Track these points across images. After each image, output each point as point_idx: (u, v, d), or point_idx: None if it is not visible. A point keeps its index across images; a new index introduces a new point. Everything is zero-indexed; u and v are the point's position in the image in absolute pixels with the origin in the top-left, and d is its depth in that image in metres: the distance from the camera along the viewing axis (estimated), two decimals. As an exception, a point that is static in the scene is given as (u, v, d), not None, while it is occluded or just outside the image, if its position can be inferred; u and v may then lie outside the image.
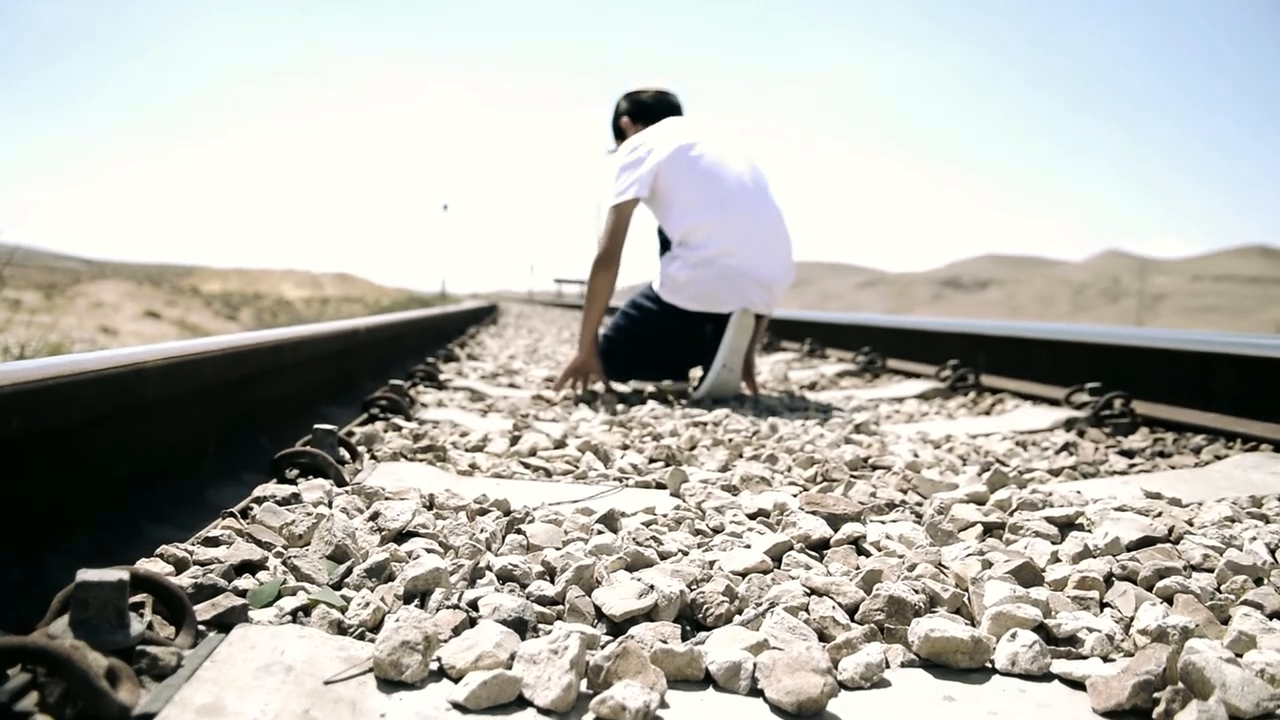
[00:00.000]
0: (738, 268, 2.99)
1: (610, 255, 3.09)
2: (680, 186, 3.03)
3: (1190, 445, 2.19)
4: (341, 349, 2.40)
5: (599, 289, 3.11)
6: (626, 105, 3.43)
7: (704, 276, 2.99)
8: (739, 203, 3.03)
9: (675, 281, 3.05)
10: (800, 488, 1.63)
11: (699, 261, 2.99)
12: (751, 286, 3.01)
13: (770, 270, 3.06)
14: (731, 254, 2.98)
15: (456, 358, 4.43)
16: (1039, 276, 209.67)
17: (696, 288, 3.01)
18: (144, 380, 1.15)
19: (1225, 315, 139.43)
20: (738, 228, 3.01)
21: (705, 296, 3.01)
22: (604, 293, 3.11)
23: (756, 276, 3.02)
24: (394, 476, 1.55)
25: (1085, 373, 2.83)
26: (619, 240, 3.09)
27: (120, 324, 25.37)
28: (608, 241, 3.09)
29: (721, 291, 2.99)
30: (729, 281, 2.99)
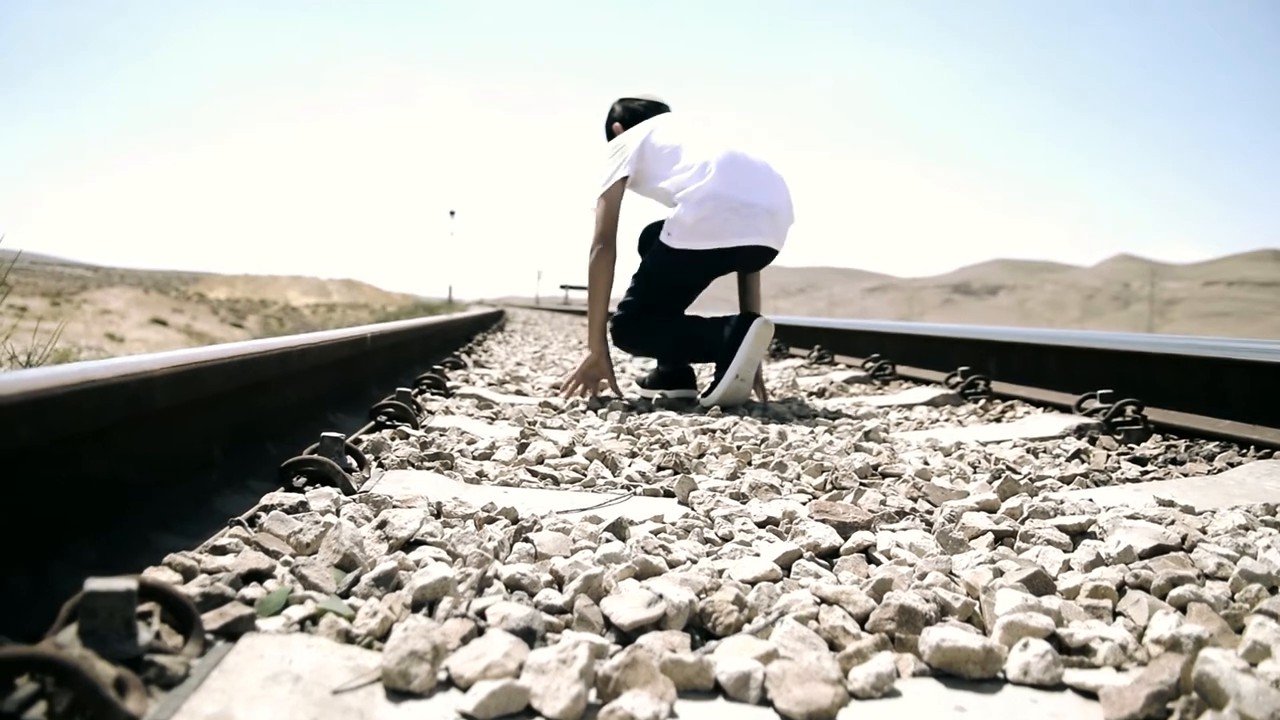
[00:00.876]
0: (742, 199, 2.97)
1: (606, 240, 3.11)
2: (666, 152, 3.08)
3: (1203, 452, 2.17)
4: (349, 356, 2.40)
5: (600, 277, 3.11)
6: (620, 111, 3.46)
7: (711, 212, 2.96)
8: (729, 146, 3.06)
9: (683, 225, 3.01)
10: (810, 495, 1.62)
11: (702, 198, 2.96)
12: (760, 216, 3.00)
13: (773, 200, 3.05)
14: (733, 186, 2.97)
15: (463, 365, 4.44)
16: (1050, 282, 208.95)
17: (706, 225, 2.98)
18: (152, 389, 1.15)
19: (1238, 320, 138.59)
20: (733, 165, 3.01)
21: (716, 232, 2.98)
22: (605, 280, 3.12)
23: (762, 205, 3.01)
24: (401, 484, 1.55)
25: (1096, 379, 2.82)
26: (612, 224, 3.11)
27: (126, 331, 25.51)
28: (600, 227, 3.11)
29: (732, 224, 2.97)
30: (736, 213, 2.97)
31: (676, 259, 3.05)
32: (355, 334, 2.50)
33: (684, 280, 3.13)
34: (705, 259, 3.03)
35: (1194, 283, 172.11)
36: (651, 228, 3.28)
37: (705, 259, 3.03)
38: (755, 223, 2.98)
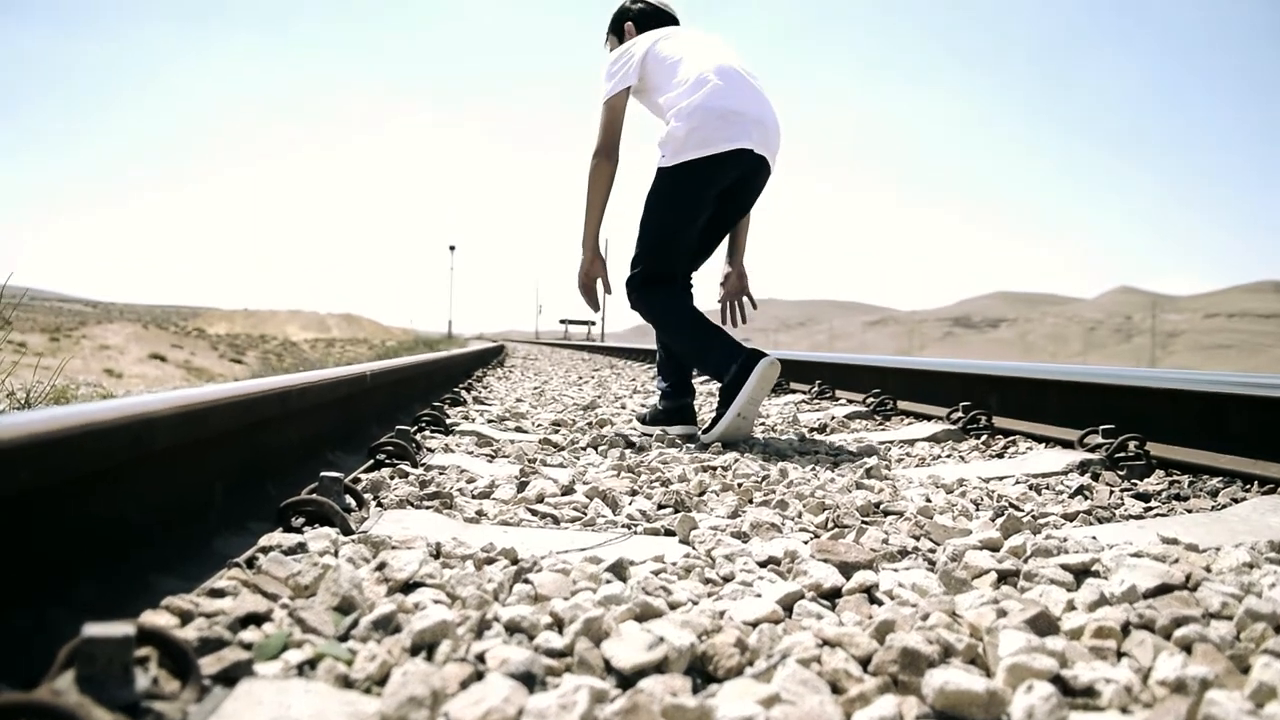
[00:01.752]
0: (731, 107, 3.03)
1: (608, 146, 3.14)
2: (668, 64, 3.13)
3: (1206, 488, 2.16)
4: (348, 394, 2.40)
5: (598, 181, 3.13)
6: (634, 11, 3.48)
7: (700, 122, 3.01)
8: (720, 60, 3.12)
9: (677, 139, 3.06)
10: (811, 534, 1.61)
11: (693, 110, 3.02)
12: (749, 124, 3.05)
13: (761, 112, 3.10)
14: (723, 97, 3.03)
15: (463, 401, 4.44)
16: (1050, 314, 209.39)
17: (697, 135, 3.02)
18: (153, 430, 1.15)
19: (1240, 352, 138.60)
20: (724, 78, 3.07)
21: (707, 140, 3.02)
22: (604, 185, 3.15)
23: (750, 114, 3.06)
24: (400, 524, 1.54)
25: (1098, 414, 2.81)
26: (614, 134, 3.14)
27: (125, 367, 25.53)
28: (603, 135, 3.14)
29: (721, 130, 3.02)
30: (725, 120, 3.02)
31: (674, 178, 3.09)
32: (355, 372, 2.50)
33: (685, 204, 3.12)
34: (700, 170, 3.05)
35: (1195, 315, 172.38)
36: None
37: (700, 170, 3.05)
38: (745, 129, 3.05)
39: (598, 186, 3.13)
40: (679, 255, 3.22)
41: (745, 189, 3.22)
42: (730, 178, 3.11)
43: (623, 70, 3.13)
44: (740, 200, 3.26)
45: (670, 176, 3.09)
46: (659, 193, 3.14)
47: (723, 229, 3.36)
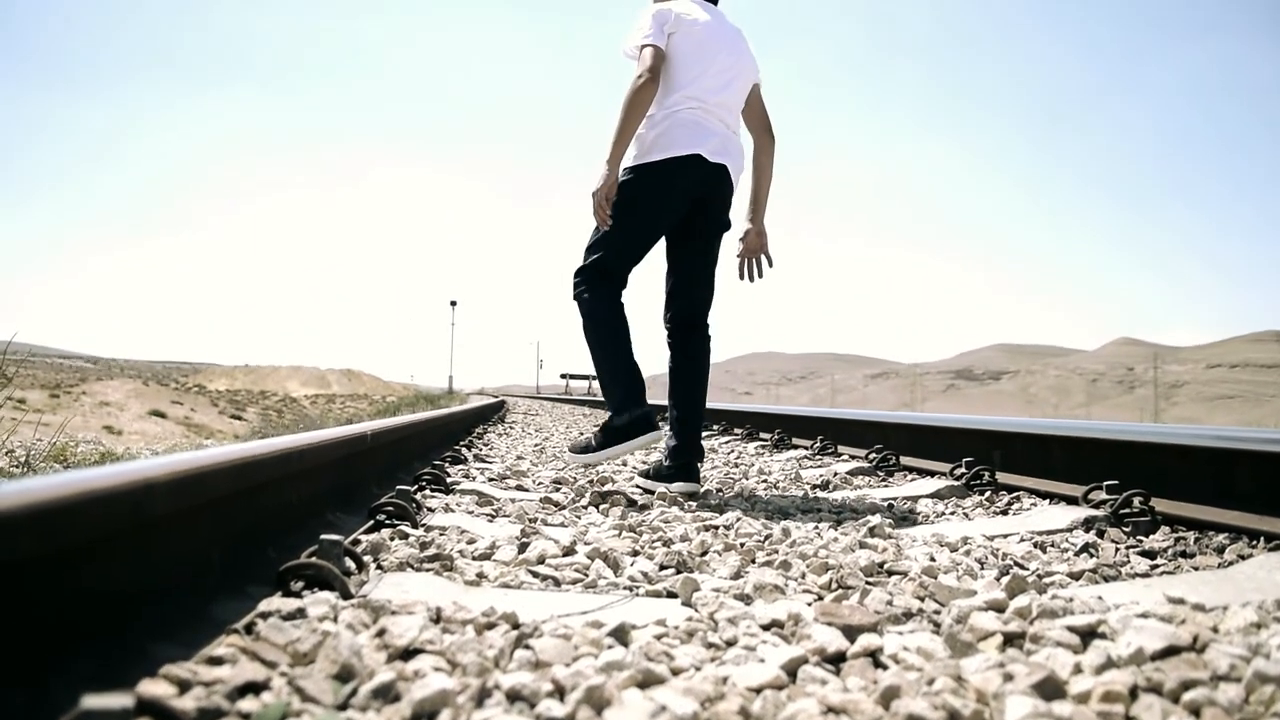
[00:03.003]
0: (697, 120, 3.15)
1: (655, 72, 3.15)
2: (674, 59, 3.20)
3: (1213, 544, 2.14)
4: (349, 454, 2.40)
5: (639, 101, 3.12)
6: None
7: (667, 129, 3.14)
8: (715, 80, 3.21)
9: (644, 143, 3.18)
10: (815, 595, 1.60)
11: (662, 118, 3.16)
12: (709, 135, 3.16)
13: (728, 133, 3.23)
14: (693, 109, 3.15)
15: (464, 459, 4.42)
16: (1052, 366, 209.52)
17: (662, 140, 3.15)
18: (153, 495, 1.15)
19: (1244, 403, 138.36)
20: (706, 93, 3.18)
21: (670, 143, 3.13)
22: (642, 107, 3.15)
23: (717, 131, 3.18)
24: (400, 588, 1.53)
25: (1102, 469, 2.80)
26: (659, 67, 3.17)
27: (125, 423, 25.48)
28: (652, 63, 3.15)
29: (683, 138, 3.13)
30: (687, 129, 3.14)
31: (638, 176, 3.17)
32: (356, 432, 2.50)
33: (644, 205, 3.18)
34: (658, 171, 3.15)
35: (1197, 366, 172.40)
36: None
37: (658, 171, 3.15)
38: (704, 138, 3.15)
39: (636, 106, 3.14)
40: (633, 255, 3.25)
41: (711, 196, 3.25)
42: (691, 181, 3.17)
43: (660, 31, 3.19)
44: (711, 211, 3.29)
45: (634, 176, 3.19)
46: (621, 195, 3.20)
47: (690, 240, 3.34)
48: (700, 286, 3.37)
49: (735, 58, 3.29)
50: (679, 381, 3.33)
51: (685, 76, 3.20)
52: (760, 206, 3.48)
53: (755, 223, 3.46)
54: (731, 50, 3.29)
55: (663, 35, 3.19)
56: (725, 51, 3.27)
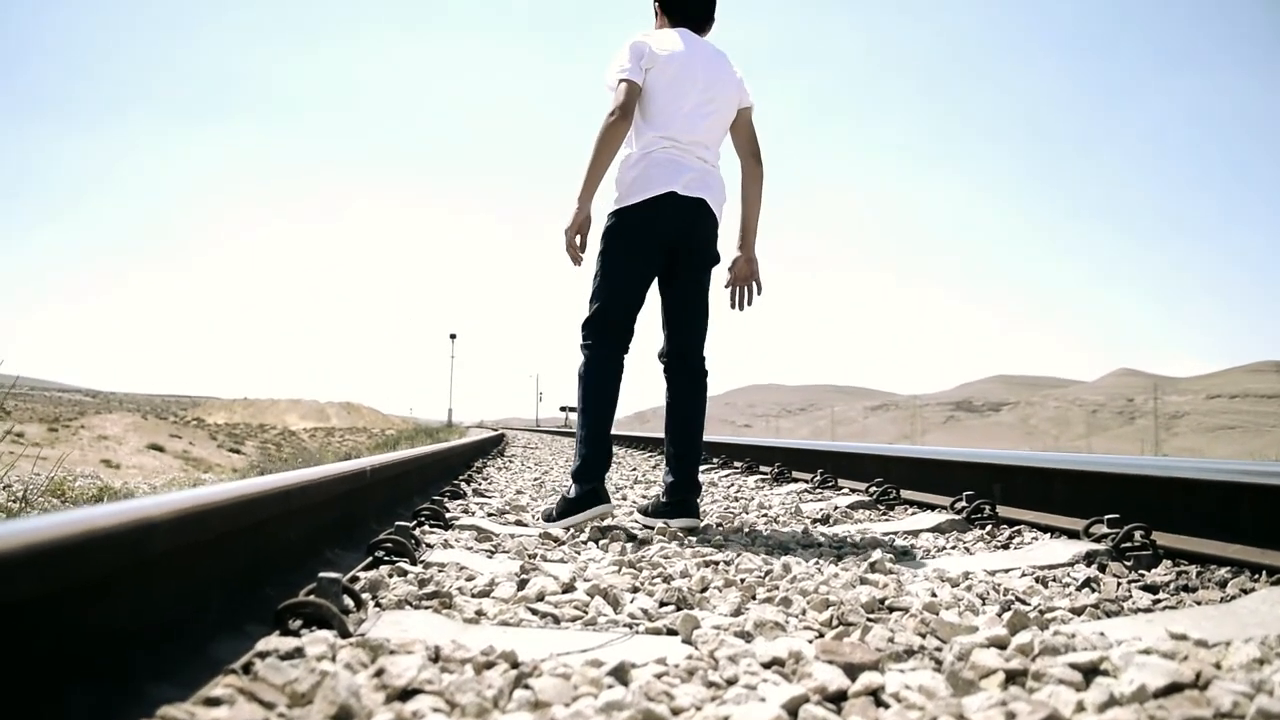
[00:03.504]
0: (672, 158, 3.18)
1: (626, 109, 3.18)
2: (650, 97, 3.22)
3: (1215, 579, 2.14)
4: (348, 490, 2.40)
5: (609, 139, 3.17)
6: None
7: (644, 169, 3.18)
8: (692, 117, 3.22)
9: (624, 183, 3.22)
10: (816, 632, 1.59)
11: (638, 159, 3.20)
12: (684, 171, 3.18)
13: (705, 168, 3.25)
14: (667, 148, 3.18)
15: (463, 494, 4.41)
16: (1052, 397, 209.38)
17: (640, 181, 3.18)
18: (153, 534, 1.15)
19: (1244, 433, 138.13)
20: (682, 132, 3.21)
21: (649, 183, 3.16)
22: (614, 144, 3.19)
23: (691, 165, 3.20)
24: (399, 626, 1.52)
25: (1103, 503, 2.80)
26: (632, 104, 3.20)
27: (123, 457, 25.40)
28: (624, 99, 3.18)
29: (659, 177, 3.16)
30: (660, 167, 3.17)
31: (620, 221, 3.21)
32: (355, 468, 2.50)
33: (627, 249, 3.21)
34: (636, 214, 3.18)
35: (1197, 396, 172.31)
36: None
37: (636, 214, 3.18)
38: (678, 174, 3.18)
39: (607, 144, 3.18)
40: (630, 300, 3.25)
41: (693, 231, 3.26)
42: (670, 218, 3.19)
43: (636, 66, 3.21)
44: (696, 246, 3.29)
45: (617, 221, 3.23)
46: (607, 244, 3.26)
47: (679, 277, 3.34)
48: (693, 323, 3.36)
49: (716, 90, 3.29)
50: (675, 418, 3.32)
51: (661, 115, 3.21)
52: (749, 234, 3.46)
53: (744, 250, 3.45)
54: (712, 82, 3.28)
55: (639, 70, 3.20)
56: (705, 85, 3.26)
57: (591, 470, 3.18)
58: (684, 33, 3.34)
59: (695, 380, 3.35)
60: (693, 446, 3.28)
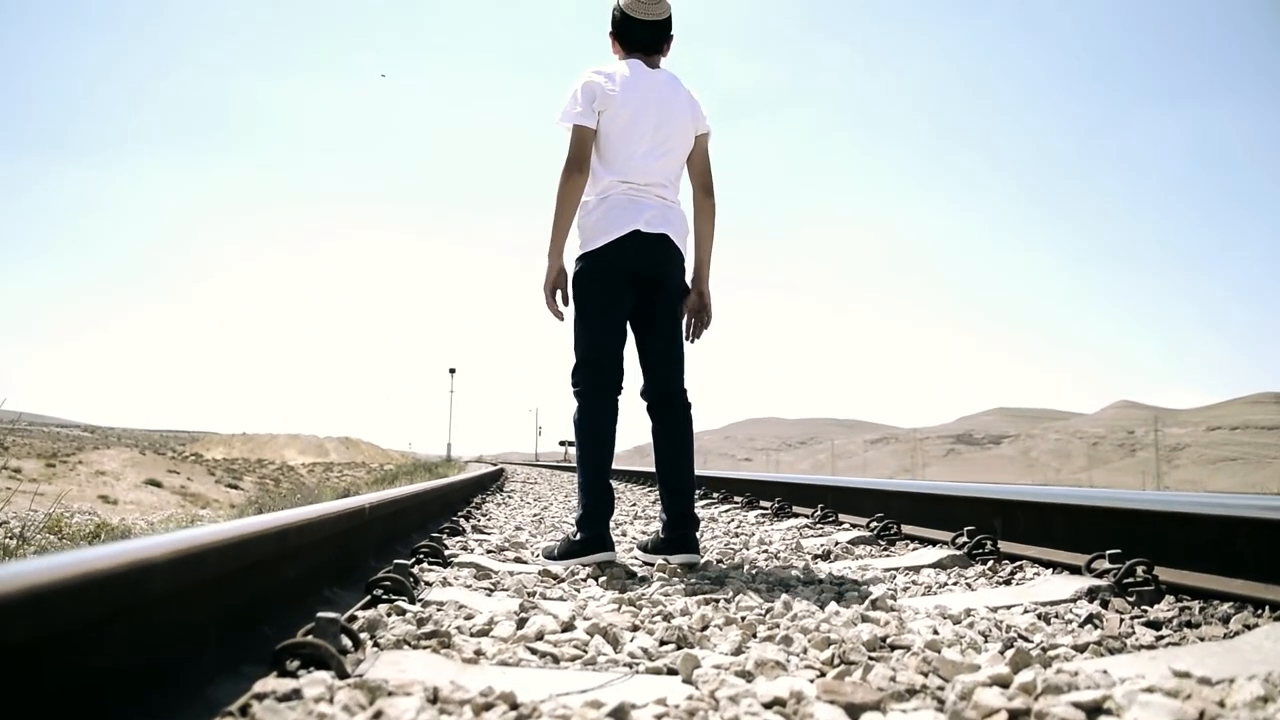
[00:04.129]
0: (631, 199, 3.19)
1: (579, 161, 3.21)
2: (604, 138, 3.24)
3: (1218, 614, 2.12)
4: (347, 529, 2.39)
5: (567, 195, 3.21)
6: (619, 19, 3.38)
7: (606, 210, 3.20)
8: (648, 157, 3.24)
9: (586, 229, 3.25)
10: (817, 671, 1.58)
11: (597, 204, 3.22)
12: (644, 208, 3.20)
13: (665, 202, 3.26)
14: (626, 191, 3.20)
15: (462, 531, 4.39)
16: (1053, 430, 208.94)
17: (603, 223, 3.20)
18: (150, 576, 1.15)
19: (1246, 465, 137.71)
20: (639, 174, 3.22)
21: (611, 225, 3.18)
22: (573, 199, 3.22)
23: (650, 204, 3.22)
24: (397, 667, 1.51)
25: (1104, 537, 2.78)
26: (586, 152, 3.22)
27: (120, 493, 25.27)
28: (575, 150, 3.21)
29: (620, 218, 3.18)
30: (620, 208, 3.19)
31: (587, 264, 3.24)
32: (354, 506, 2.49)
33: (598, 291, 3.23)
34: (602, 256, 3.20)
35: (1197, 428, 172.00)
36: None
37: (602, 256, 3.20)
38: (639, 213, 3.20)
39: (566, 199, 3.21)
40: (610, 341, 3.26)
41: (659, 266, 3.26)
42: (635, 256, 3.20)
43: (588, 109, 3.21)
44: (664, 281, 3.29)
45: (587, 265, 3.25)
46: (575, 283, 3.28)
47: (651, 314, 3.33)
48: (670, 358, 3.36)
49: (671, 126, 3.28)
50: (664, 456, 3.30)
51: (617, 159, 3.22)
52: (702, 267, 3.45)
53: (696, 284, 3.43)
54: (666, 118, 3.27)
55: (591, 113, 3.21)
56: (658, 123, 3.26)
57: (595, 518, 3.17)
58: (636, 66, 3.31)
59: (680, 415, 3.34)
60: (686, 481, 3.27)
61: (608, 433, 3.24)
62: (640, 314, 3.32)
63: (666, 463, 3.28)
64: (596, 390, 3.23)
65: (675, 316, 3.36)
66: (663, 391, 3.34)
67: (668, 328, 3.34)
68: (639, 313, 3.32)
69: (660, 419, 3.33)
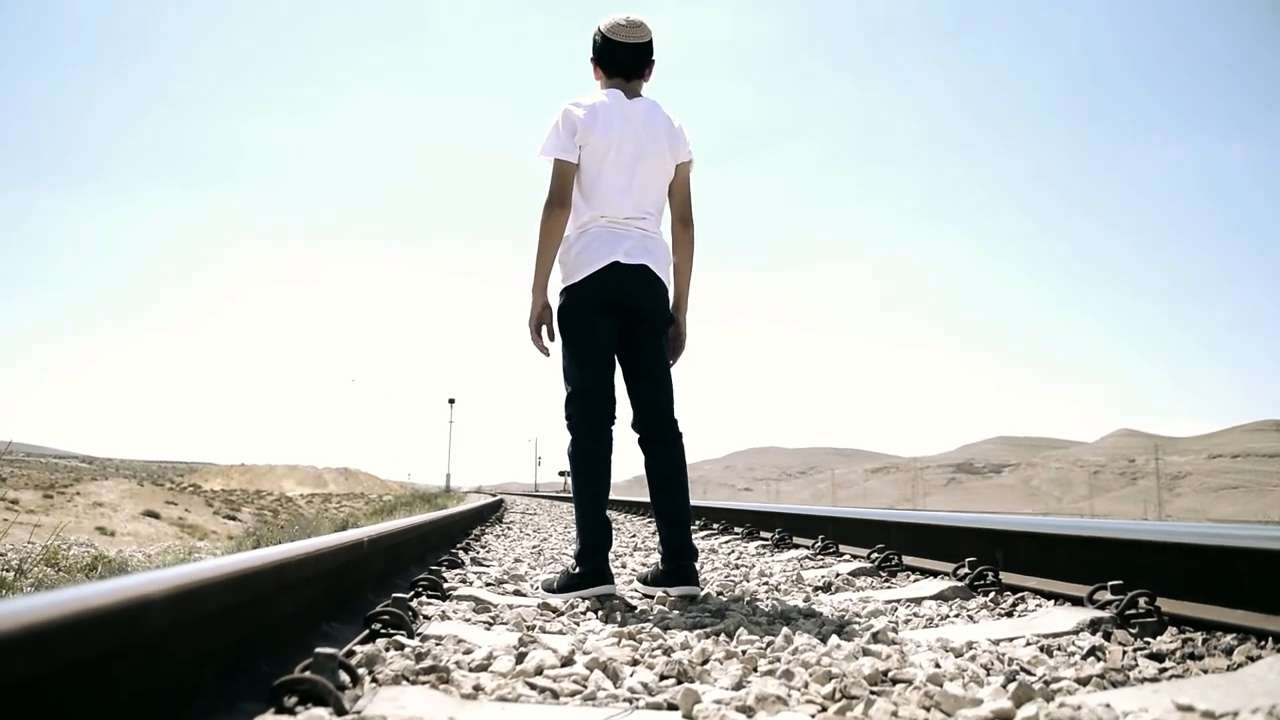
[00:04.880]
0: (611, 232, 3.21)
1: (561, 196, 3.23)
2: (584, 174, 3.26)
3: (1221, 645, 2.11)
4: (346, 562, 2.38)
5: (550, 230, 3.23)
6: (600, 46, 3.39)
7: (587, 243, 3.22)
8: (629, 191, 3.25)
9: (568, 263, 3.27)
10: (819, 706, 1.57)
11: (578, 237, 3.24)
12: (624, 240, 3.21)
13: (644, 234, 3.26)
14: (605, 225, 3.22)
15: (461, 563, 4.37)
16: (1053, 459, 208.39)
17: (584, 256, 3.22)
18: (149, 612, 1.14)
19: (1247, 493, 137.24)
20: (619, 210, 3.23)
21: (587, 261, 3.20)
22: (555, 234, 3.24)
23: (630, 235, 3.23)
24: (396, 703, 1.50)
25: (1107, 569, 2.77)
26: (568, 187, 3.23)
27: (118, 524, 25.16)
28: (556, 185, 3.22)
29: (601, 250, 3.20)
30: (600, 240, 3.20)
31: (569, 298, 3.26)
32: (352, 539, 2.48)
33: (581, 322, 3.24)
34: (583, 289, 3.22)
35: (1198, 456, 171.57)
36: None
37: (583, 289, 3.22)
38: (619, 244, 3.21)
39: (549, 235, 3.23)
40: (598, 372, 3.26)
41: (640, 296, 3.26)
42: (615, 287, 3.21)
43: (570, 143, 3.22)
44: (645, 311, 3.28)
45: (568, 300, 3.27)
46: (560, 317, 3.30)
47: (635, 346, 3.33)
48: (658, 388, 3.34)
49: (651, 158, 3.28)
50: (658, 488, 3.29)
51: (597, 194, 3.23)
52: (679, 299, 3.45)
53: (675, 314, 3.44)
54: (646, 150, 3.27)
55: (573, 147, 3.22)
56: (637, 154, 3.26)
57: (593, 551, 3.15)
58: (615, 96, 3.32)
59: (671, 445, 3.32)
60: (682, 512, 3.25)
61: (603, 464, 3.23)
62: (625, 346, 3.33)
63: (661, 495, 3.26)
64: (589, 422, 3.23)
65: (660, 347, 3.35)
66: (653, 424, 3.32)
67: (652, 357, 3.33)
68: (624, 344, 3.33)
69: (652, 452, 3.32)
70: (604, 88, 3.38)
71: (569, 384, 3.28)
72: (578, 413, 3.25)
